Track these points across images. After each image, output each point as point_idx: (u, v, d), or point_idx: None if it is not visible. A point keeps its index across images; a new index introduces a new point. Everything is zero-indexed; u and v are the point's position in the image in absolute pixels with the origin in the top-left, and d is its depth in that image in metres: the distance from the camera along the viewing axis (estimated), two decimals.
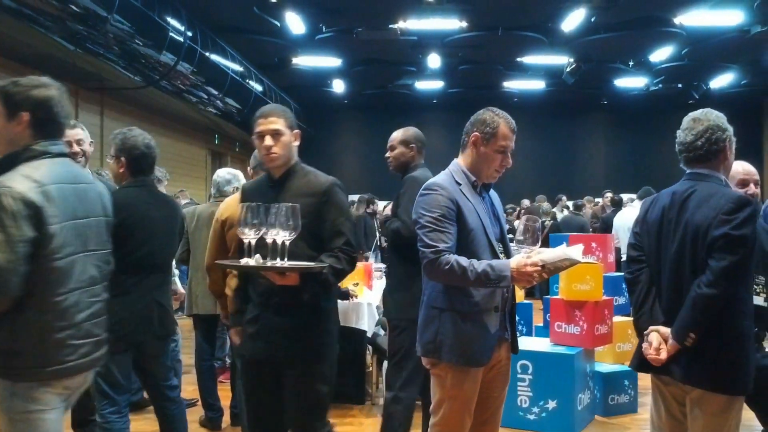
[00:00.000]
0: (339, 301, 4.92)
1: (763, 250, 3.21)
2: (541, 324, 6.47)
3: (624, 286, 5.49)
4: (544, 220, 10.42)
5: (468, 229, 2.69)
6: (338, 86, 19.53)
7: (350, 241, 2.92)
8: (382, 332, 5.32)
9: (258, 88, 16.22)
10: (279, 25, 13.38)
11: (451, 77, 18.50)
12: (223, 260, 3.11)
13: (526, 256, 2.60)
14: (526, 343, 4.91)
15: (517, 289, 3.22)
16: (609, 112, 22.73)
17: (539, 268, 2.53)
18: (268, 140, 2.95)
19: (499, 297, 2.76)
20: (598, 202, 13.36)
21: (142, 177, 3.58)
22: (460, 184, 2.79)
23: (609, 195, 11.81)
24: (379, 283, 6.15)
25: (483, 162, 2.84)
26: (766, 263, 3.16)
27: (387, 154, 4.36)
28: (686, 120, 2.95)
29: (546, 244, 9.43)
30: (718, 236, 2.56)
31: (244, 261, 2.71)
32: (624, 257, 8.00)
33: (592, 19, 13.14)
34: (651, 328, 2.74)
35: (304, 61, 16.47)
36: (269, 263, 2.65)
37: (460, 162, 2.90)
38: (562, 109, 22.01)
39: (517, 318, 5.88)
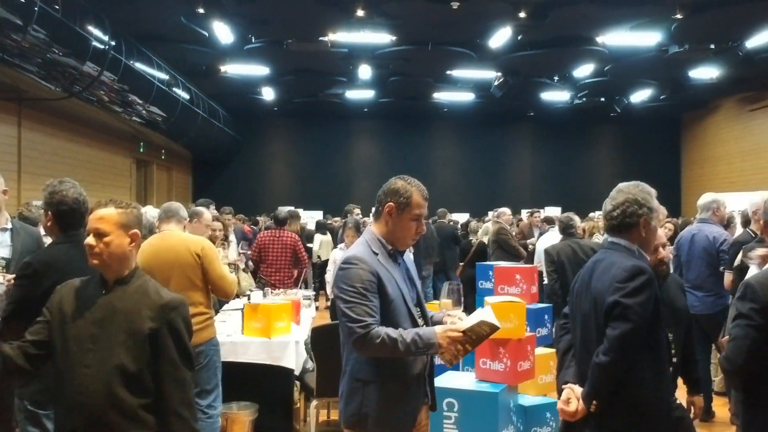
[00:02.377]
0: (265, 339, 4.88)
1: (673, 305, 3.32)
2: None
3: (546, 317, 5.62)
4: (471, 238, 10.49)
5: (389, 299, 2.70)
6: (268, 94, 19.31)
7: None
8: (310, 366, 5.28)
9: (185, 95, 15.91)
10: (207, 34, 13.16)
11: (382, 87, 18.56)
12: None
13: (450, 323, 2.68)
14: (452, 379, 4.95)
15: None
16: (535, 123, 23.28)
17: (461, 334, 2.60)
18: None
19: (421, 363, 2.79)
20: (521, 219, 13.57)
21: (72, 231, 3.40)
22: (377, 254, 2.79)
23: (538, 214, 12.01)
24: (307, 314, 6.11)
25: (398, 231, 2.84)
26: (675, 319, 3.27)
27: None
28: (615, 188, 2.97)
29: (475, 260, 9.45)
30: (610, 304, 2.65)
31: None
32: (545, 280, 8.15)
33: (519, 37, 13.43)
34: (567, 385, 2.84)
35: (233, 69, 16.25)
36: None
37: (374, 230, 2.89)
38: (490, 120, 22.41)
39: None
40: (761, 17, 12.08)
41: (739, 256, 5.57)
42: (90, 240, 2.48)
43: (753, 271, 4.01)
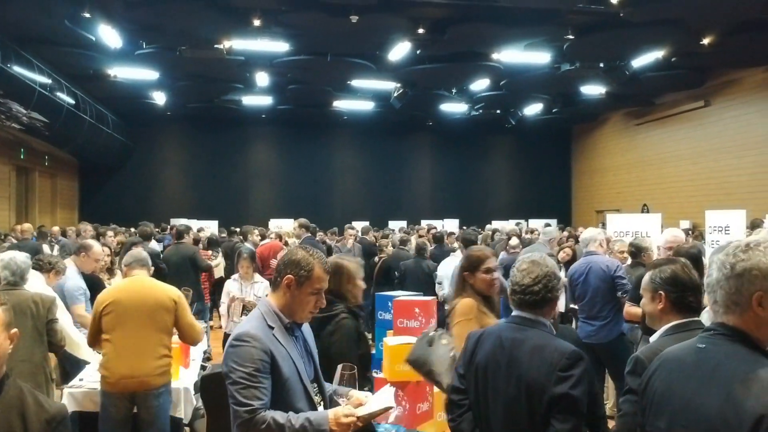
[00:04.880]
0: None
1: None
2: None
3: None
4: (373, 257, 10.34)
5: (283, 379, 2.53)
6: (159, 98, 18.55)
7: None
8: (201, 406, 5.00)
9: (70, 101, 15.07)
10: (94, 38, 12.48)
11: (280, 94, 18.25)
12: None
13: (344, 406, 2.54)
14: None
15: None
16: (434, 133, 23.56)
17: (355, 418, 2.47)
18: None
19: None
20: (422, 229, 13.62)
21: None
22: (272, 328, 2.61)
23: (426, 228, 12.05)
24: (199, 349, 5.80)
25: (297, 304, 2.67)
26: None
27: None
28: (524, 261, 2.80)
29: (381, 279, 9.25)
30: (558, 396, 2.49)
31: None
32: (447, 305, 8.12)
33: (418, 51, 13.51)
34: None
35: (123, 73, 15.50)
36: None
37: (272, 302, 2.70)
38: (390, 128, 22.49)
39: None
40: (646, 40, 12.70)
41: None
42: None
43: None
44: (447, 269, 8.14)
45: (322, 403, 2.72)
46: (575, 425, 2.50)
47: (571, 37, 12.41)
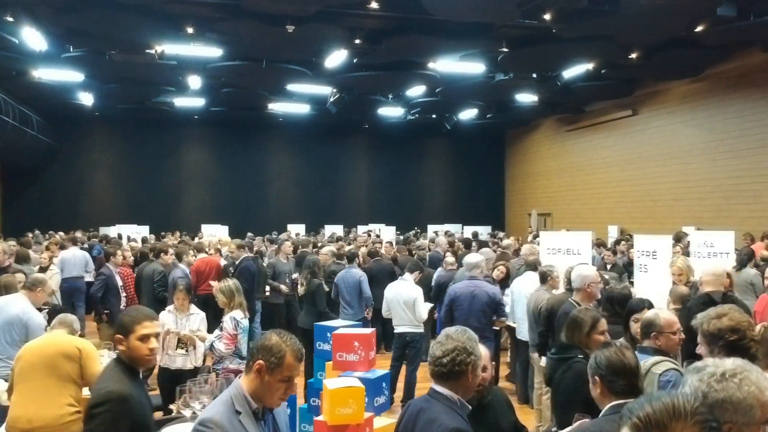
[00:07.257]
0: None
1: (498, 426, 3.32)
2: (305, 405, 6.34)
3: (384, 384, 5.57)
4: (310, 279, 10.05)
5: None
6: (87, 99, 17.91)
7: None
8: None
9: None
10: (17, 41, 12.00)
11: (214, 97, 17.93)
12: None
13: None
14: None
15: None
16: (371, 136, 23.56)
17: None
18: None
19: None
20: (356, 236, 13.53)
21: None
22: (239, 413, 2.57)
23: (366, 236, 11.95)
24: None
25: (266, 390, 2.64)
26: None
27: None
28: (443, 333, 2.94)
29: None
30: None
31: None
32: (396, 329, 7.97)
33: (355, 60, 13.47)
34: None
35: (48, 74, 14.93)
36: None
37: (243, 385, 2.66)
38: (326, 131, 22.37)
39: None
40: (577, 53, 13.02)
41: None
42: None
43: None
44: (394, 294, 7.57)
45: None
46: None
47: (505, 49, 12.63)
